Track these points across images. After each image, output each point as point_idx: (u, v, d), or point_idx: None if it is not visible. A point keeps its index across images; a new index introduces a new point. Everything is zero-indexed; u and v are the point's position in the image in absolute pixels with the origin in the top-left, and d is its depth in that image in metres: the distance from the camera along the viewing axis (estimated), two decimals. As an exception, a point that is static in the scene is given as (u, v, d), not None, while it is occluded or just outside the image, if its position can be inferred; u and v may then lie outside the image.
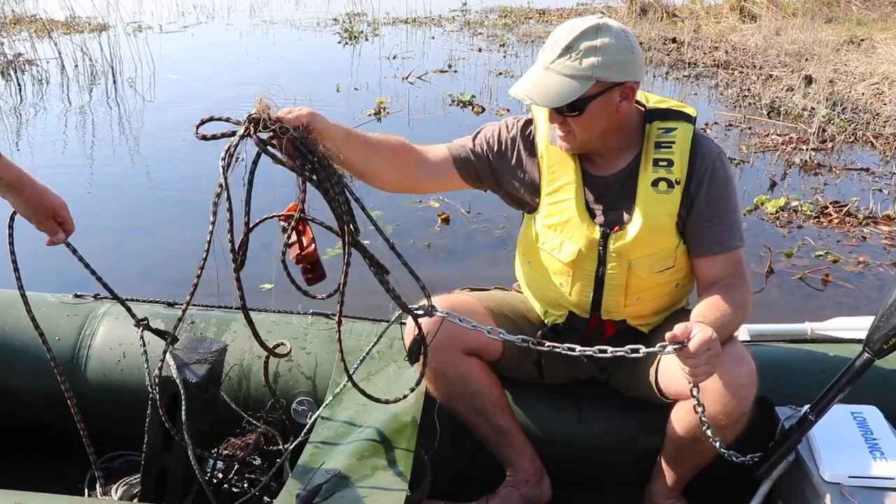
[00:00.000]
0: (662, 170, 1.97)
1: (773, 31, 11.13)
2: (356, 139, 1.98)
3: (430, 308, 1.92)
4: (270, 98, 1.71)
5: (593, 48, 1.84)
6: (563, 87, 1.85)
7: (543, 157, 2.07)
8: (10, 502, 1.66)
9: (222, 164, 1.60)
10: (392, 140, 2.09)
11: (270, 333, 2.40)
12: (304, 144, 1.68)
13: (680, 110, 2.04)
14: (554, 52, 1.87)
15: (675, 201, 1.97)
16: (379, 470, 1.86)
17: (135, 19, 13.10)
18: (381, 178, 2.09)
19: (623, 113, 1.94)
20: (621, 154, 2.03)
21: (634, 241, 1.97)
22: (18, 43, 10.26)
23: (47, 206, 1.84)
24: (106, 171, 6.20)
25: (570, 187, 2.03)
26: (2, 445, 2.51)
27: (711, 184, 1.97)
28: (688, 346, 1.70)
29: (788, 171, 6.08)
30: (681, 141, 1.98)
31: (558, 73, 1.86)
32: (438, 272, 4.18)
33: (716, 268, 2.00)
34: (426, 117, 7.61)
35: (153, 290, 2.94)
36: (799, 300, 4.10)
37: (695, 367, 1.72)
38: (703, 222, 1.98)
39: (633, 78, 1.91)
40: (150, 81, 9.18)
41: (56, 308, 2.50)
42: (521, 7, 15.31)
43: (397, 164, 2.08)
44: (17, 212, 1.84)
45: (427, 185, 2.20)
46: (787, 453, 1.92)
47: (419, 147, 2.15)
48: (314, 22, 14.00)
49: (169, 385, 1.84)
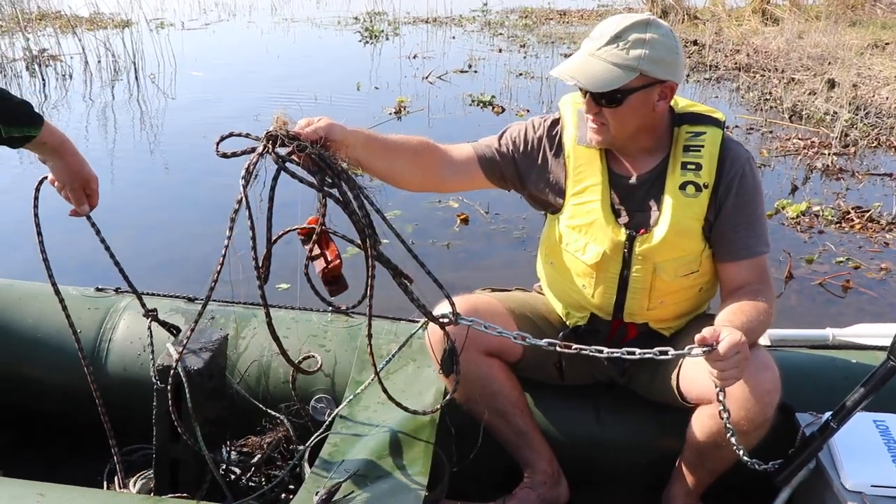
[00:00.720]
0: (691, 173, 1.96)
1: (795, 34, 11.04)
2: (377, 143, 1.98)
3: (455, 316, 1.92)
4: (291, 107, 1.72)
5: (642, 41, 1.85)
6: (607, 74, 1.85)
7: (570, 157, 2.06)
8: (33, 493, 1.68)
9: (243, 182, 1.61)
10: (414, 141, 2.09)
11: (290, 330, 2.41)
12: (322, 159, 1.69)
13: (709, 115, 2.03)
14: (601, 40, 1.87)
15: (702, 205, 1.96)
16: (397, 469, 1.87)
17: (157, 16, 13.16)
18: (403, 179, 2.09)
19: (658, 112, 1.94)
20: (649, 156, 2.03)
21: (661, 244, 1.97)
22: (43, 38, 10.33)
23: (84, 175, 1.89)
24: (127, 166, 6.24)
25: (596, 188, 2.02)
26: (22, 437, 2.53)
27: (741, 189, 1.96)
28: (717, 349, 1.69)
29: (810, 175, 6.03)
30: (710, 145, 1.97)
31: (604, 59, 1.86)
32: (457, 273, 4.18)
33: (741, 273, 1.99)
34: (446, 117, 7.61)
35: (174, 285, 2.95)
36: (819, 306, 4.07)
37: (723, 371, 1.71)
38: (730, 227, 1.97)
39: (674, 78, 1.91)
40: (171, 78, 9.23)
41: (78, 301, 2.52)
42: (541, 8, 15.26)
43: (420, 164, 2.08)
44: (55, 177, 1.87)
45: (451, 185, 2.20)
46: (808, 460, 1.90)
47: (443, 146, 2.15)
48: (335, 20, 14.02)
49: (175, 377, 1.87)
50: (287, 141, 1.66)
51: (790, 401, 2.08)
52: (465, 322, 1.93)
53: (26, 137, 1.71)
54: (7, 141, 1.68)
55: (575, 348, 1.88)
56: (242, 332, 2.43)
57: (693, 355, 1.73)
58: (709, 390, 1.86)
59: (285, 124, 1.68)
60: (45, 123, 1.74)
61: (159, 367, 1.89)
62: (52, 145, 1.80)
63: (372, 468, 1.86)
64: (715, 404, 1.82)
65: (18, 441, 2.53)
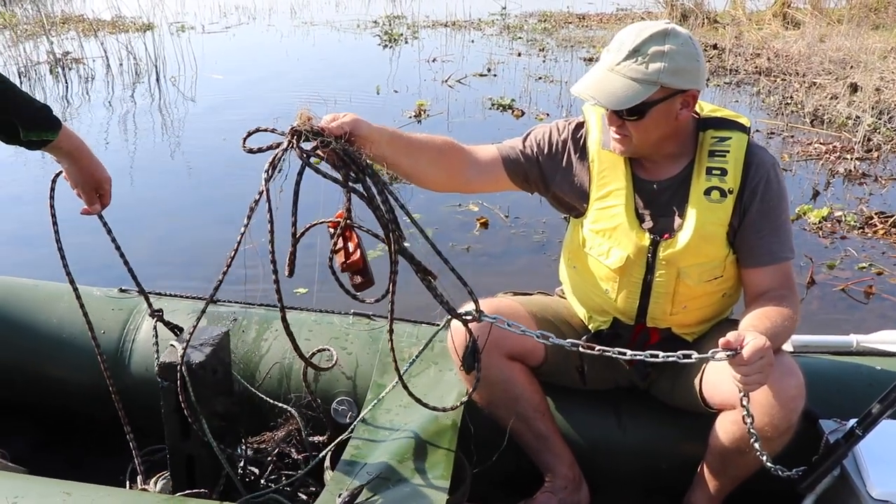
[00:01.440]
0: (716, 178, 1.96)
1: (817, 37, 10.96)
2: (402, 141, 1.99)
3: (478, 313, 1.92)
4: (312, 109, 1.72)
5: (660, 53, 1.84)
6: (627, 90, 1.85)
7: (594, 161, 2.06)
8: (59, 491, 1.70)
9: (265, 175, 1.62)
10: (438, 140, 2.09)
11: (312, 332, 2.42)
12: (347, 154, 1.69)
13: (734, 120, 2.03)
14: (620, 55, 1.87)
15: (727, 210, 1.95)
16: (419, 472, 1.87)
17: (178, 20, 13.26)
18: (428, 178, 2.09)
19: (682, 121, 1.93)
20: (674, 161, 2.02)
21: (685, 249, 1.96)
22: (66, 42, 10.44)
23: (97, 177, 1.94)
24: (149, 167, 6.29)
25: (620, 193, 2.02)
26: (47, 436, 2.56)
27: (766, 194, 1.95)
28: (741, 354, 1.68)
29: (832, 180, 5.99)
30: (735, 150, 1.97)
31: (623, 75, 1.86)
32: (477, 277, 4.16)
33: (765, 278, 1.98)
34: (466, 121, 7.61)
35: (196, 286, 2.97)
36: (841, 312, 4.04)
37: (748, 376, 1.69)
38: (754, 232, 1.96)
39: (696, 86, 1.90)
40: (192, 81, 9.29)
41: (102, 302, 2.54)
42: (560, 12, 15.24)
43: (444, 164, 2.09)
44: (69, 178, 1.92)
45: (475, 185, 2.19)
46: (833, 468, 1.89)
47: (467, 147, 2.15)
48: (354, 24, 14.07)
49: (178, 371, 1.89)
50: (311, 136, 1.67)
51: (814, 407, 2.07)
52: (488, 319, 1.93)
53: (44, 141, 1.75)
54: (26, 143, 1.72)
55: (598, 349, 1.87)
56: (265, 335, 2.44)
57: (717, 359, 1.72)
58: (732, 396, 1.85)
59: (310, 120, 1.69)
60: (62, 128, 1.78)
61: (162, 364, 1.91)
62: (67, 149, 1.84)
63: (394, 471, 1.86)
64: (738, 410, 1.81)
65: (43, 440, 2.55)
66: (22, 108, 1.68)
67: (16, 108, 1.67)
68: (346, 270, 1.89)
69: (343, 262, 1.88)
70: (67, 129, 1.81)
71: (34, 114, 1.71)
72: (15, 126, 1.67)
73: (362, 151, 1.74)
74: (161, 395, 1.93)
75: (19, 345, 2.47)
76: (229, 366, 2.10)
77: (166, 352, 1.96)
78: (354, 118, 1.79)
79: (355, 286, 1.89)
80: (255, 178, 1.67)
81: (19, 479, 1.82)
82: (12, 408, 2.55)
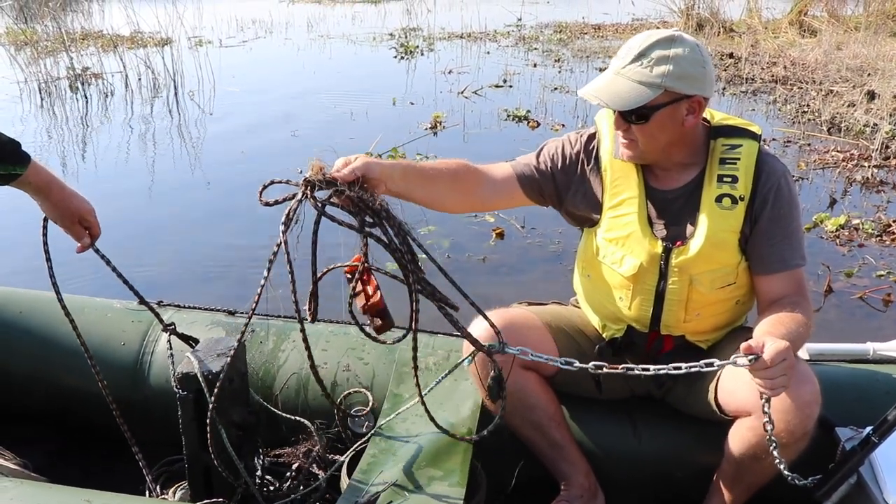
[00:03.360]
0: (727, 186, 1.97)
1: (834, 45, 10.92)
2: (415, 173, 2.02)
3: (502, 345, 1.94)
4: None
5: (665, 57, 1.86)
6: (631, 92, 1.87)
7: (607, 170, 2.08)
8: (80, 499, 1.72)
9: (282, 227, 1.68)
10: (452, 164, 2.12)
11: (329, 343, 2.44)
12: (362, 200, 1.73)
13: (745, 128, 2.04)
14: (626, 58, 1.90)
15: (738, 218, 1.96)
16: (435, 481, 1.88)
17: (196, 34, 13.39)
18: (445, 204, 2.14)
19: (688, 127, 1.95)
20: (685, 169, 2.04)
21: (697, 256, 1.97)
22: (86, 57, 10.58)
23: (73, 210, 1.92)
24: (168, 180, 6.35)
25: (632, 201, 2.04)
26: (66, 446, 2.59)
27: (777, 202, 1.96)
28: (763, 358, 1.68)
29: (849, 188, 5.96)
30: (746, 157, 1.98)
31: (628, 78, 1.89)
32: (493, 287, 4.19)
33: (777, 286, 1.99)
34: (482, 132, 7.64)
35: (214, 298, 3.01)
36: (859, 320, 4.01)
37: (771, 379, 1.69)
38: (765, 240, 1.97)
39: (702, 93, 1.92)
40: (210, 94, 9.38)
41: (121, 314, 2.57)
42: (576, 22, 15.28)
43: (460, 188, 2.12)
44: (46, 214, 1.92)
45: (492, 204, 2.23)
46: (849, 475, 1.88)
47: (481, 167, 2.18)
48: (370, 37, 14.15)
49: (195, 382, 1.93)
50: (325, 186, 1.71)
51: (830, 415, 2.07)
52: (511, 351, 1.95)
53: (12, 175, 1.73)
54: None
55: (622, 368, 1.87)
56: (282, 346, 2.47)
57: (739, 364, 1.72)
58: (747, 402, 1.85)
59: (322, 169, 1.73)
60: (31, 162, 1.77)
61: (179, 375, 1.94)
62: (36, 184, 1.81)
63: (410, 480, 1.88)
64: (754, 416, 1.81)
65: (62, 450, 2.58)
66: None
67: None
68: (367, 313, 1.92)
69: (364, 304, 1.91)
70: (38, 164, 1.80)
71: (1, 147, 1.69)
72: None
73: (377, 195, 1.77)
74: (179, 404, 1.96)
75: (40, 356, 2.51)
76: (245, 375, 2.13)
77: (183, 362, 1.99)
78: (365, 162, 1.81)
79: (376, 328, 1.91)
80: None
81: (41, 488, 1.85)
82: (34, 418, 2.59)
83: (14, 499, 1.72)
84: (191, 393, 1.92)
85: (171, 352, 2.10)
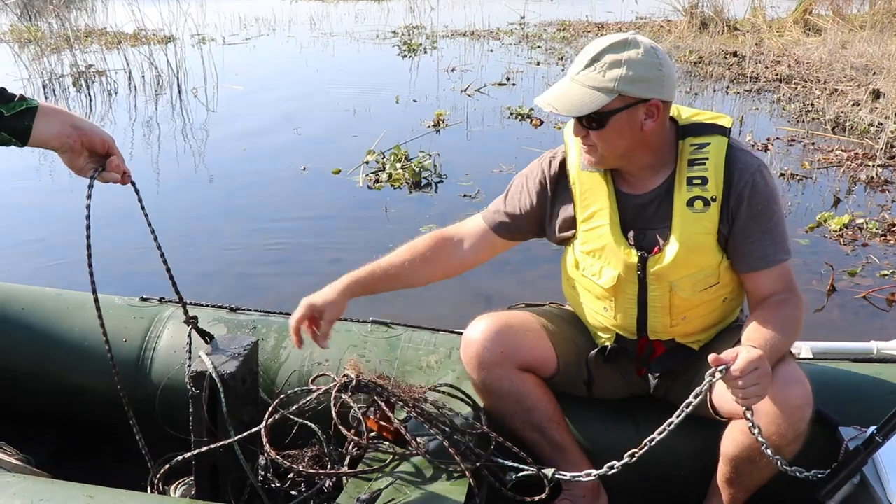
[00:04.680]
0: (697, 188, 1.93)
1: (838, 44, 10.90)
2: (387, 275, 2.16)
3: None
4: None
5: (617, 61, 1.84)
6: (584, 98, 1.85)
7: (575, 183, 2.06)
8: (82, 495, 1.72)
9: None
10: (419, 246, 2.20)
11: (331, 341, 2.42)
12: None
13: (714, 123, 1.98)
14: (581, 64, 1.88)
15: (712, 219, 1.93)
16: (438, 478, 1.88)
17: (199, 32, 13.39)
18: (423, 280, 2.23)
19: (648, 131, 1.90)
20: (655, 173, 2.00)
21: (673, 263, 1.94)
22: (90, 55, 10.59)
23: (102, 136, 1.77)
24: (170, 177, 6.37)
25: (604, 212, 2.01)
26: (69, 443, 2.59)
27: (753, 199, 1.91)
28: (731, 369, 1.67)
29: (853, 187, 5.95)
30: (714, 156, 1.93)
31: (582, 84, 1.87)
32: (496, 284, 4.18)
33: (764, 283, 1.96)
34: (484, 130, 7.64)
35: (215, 295, 3.00)
36: (862, 320, 4.01)
37: (743, 389, 1.68)
38: (745, 238, 1.94)
39: (660, 96, 1.87)
40: (213, 92, 9.40)
41: (123, 310, 2.57)
42: (579, 21, 15.26)
43: (434, 263, 2.20)
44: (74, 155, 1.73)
45: (472, 262, 2.26)
46: (852, 475, 1.87)
47: (452, 231, 2.24)
48: (373, 34, 14.16)
49: (208, 380, 1.92)
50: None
51: (833, 414, 2.06)
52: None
53: (29, 111, 1.62)
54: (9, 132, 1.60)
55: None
56: (284, 343, 2.46)
57: (713, 380, 1.70)
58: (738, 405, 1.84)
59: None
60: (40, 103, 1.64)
61: (193, 373, 1.94)
62: (49, 111, 1.67)
63: (413, 476, 1.88)
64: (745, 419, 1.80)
65: (66, 447, 2.58)
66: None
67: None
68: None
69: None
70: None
71: (1, 91, 1.61)
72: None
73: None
74: (190, 402, 1.95)
75: (43, 353, 2.51)
76: (257, 375, 2.13)
77: (196, 361, 1.98)
78: (330, 318, 2.07)
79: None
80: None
81: (43, 483, 1.85)
82: (37, 415, 2.59)
83: (17, 494, 1.72)
84: (203, 391, 1.91)
85: (190, 347, 2.09)
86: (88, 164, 1.75)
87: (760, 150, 6.89)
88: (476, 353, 2.07)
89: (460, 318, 2.01)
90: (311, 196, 5.74)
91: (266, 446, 1.91)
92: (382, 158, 6.45)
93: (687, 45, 12.13)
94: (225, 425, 1.92)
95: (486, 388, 2.10)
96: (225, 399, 1.91)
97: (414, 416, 1.92)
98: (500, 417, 2.15)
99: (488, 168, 6.32)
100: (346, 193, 5.85)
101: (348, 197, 5.79)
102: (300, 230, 5.07)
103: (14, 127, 1.60)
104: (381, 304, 2.12)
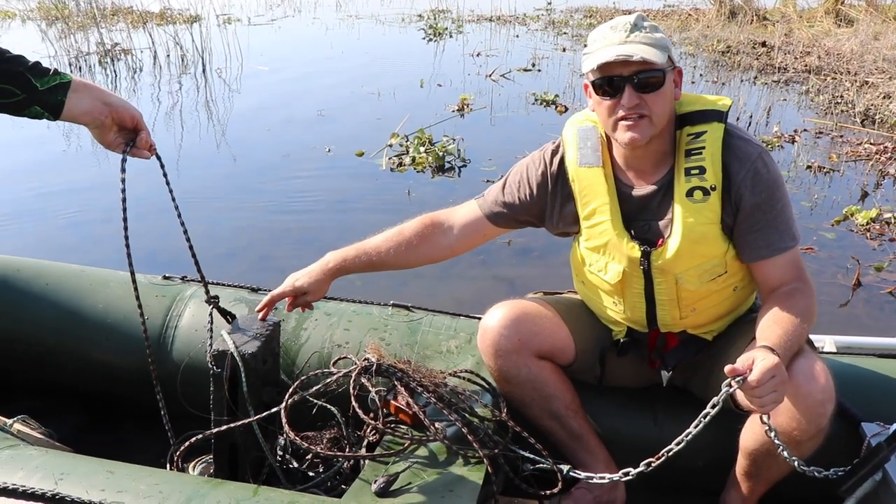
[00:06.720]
0: (695, 178, 1.90)
1: (870, 35, 10.74)
2: (371, 260, 2.18)
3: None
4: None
5: (654, 27, 1.87)
6: (649, 52, 1.81)
7: (574, 181, 2.04)
8: (102, 470, 1.74)
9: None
10: (409, 231, 2.20)
11: (351, 323, 2.44)
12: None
13: (710, 109, 1.94)
14: (625, 31, 1.85)
15: (713, 208, 1.90)
16: (455, 463, 1.88)
17: (225, 11, 13.42)
18: (413, 263, 2.24)
19: (675, 101, 1.93)
20: (656, 167, 1.97)
21: (676, 255, 1.92)
22: (115, 33, 10.64)
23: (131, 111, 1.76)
24: (194, 156, 6.39)
25: (605, 208, 1.99)
26: (92, 418, 2.61)
27: (756, 188, 1.87)
28: (749, 380, 1.63)
29: (882, 181, 5.87)
30: (710, 145, 1.90)
31: (640, 42, 1.83)
32: (517, 270, 4.17)
33: (772, 271, 1.92)
34: (509, 115, 7.61)
35: (237, 275, 3.02)
36: (888, 315, 3.96)
37: (760, 398, 1.65)
38: (749, 226, 1.90)
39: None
40: (237, 72, 9.42)
41: (145, 289, 2.58)
42: (606, 7, 15.15)
43: (422, 247, 2.20)
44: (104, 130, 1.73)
45: (461, 247, 2.25)
46: (874, 471, 1.85)
47: (443, 215, 2.23)
48: (399, 17, 14.13)
49: (229, 360, 1.93)
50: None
51: (856, 410, 2.04)
52: None
53: (62, 85, 1.60)
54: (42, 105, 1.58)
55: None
56: (304, 324, 2.47)
57: (730, 390, 1.67)
58: None
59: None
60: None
61: (215, 352, 1.95)
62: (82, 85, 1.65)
63: (430, 460, 1.88)
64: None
65: (88, 422, 2.61)
66: (22, 59, 1.57)
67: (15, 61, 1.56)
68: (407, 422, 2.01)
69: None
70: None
71: (36, 64, 1.59)
72: (27, 80, 1.56)
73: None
74: (211, 381, 1.97)
75: (67, 329, 2.52)
76: (278, 356, 2.14)
77: (218, 340, 1.99)
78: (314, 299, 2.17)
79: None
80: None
81: (65, 458, 1.87)
82: (60, 390, 2.61)
83: (39, 467, 1.74)
84: (224, 371, 1.92)
85: (212, 326, 2.10)
86: (118, 139, 1.77)
87: (787, 141, 6.82)
88: (493, 340, 2.06)
89: (482, 303, 2.00)
90: (335, 178, 5.74)
91: (285, 427, 1.91)
92: (406, 142, 6.45)
93: (715, 34, 12.01)
94: (245, 405, 1.93)
95: (503, 375, 2.10)
96: (246, 379, 1.92)
97: (433, 402, 1.91)
98: (518, 405, 2.15)
99: (512, 153, 6.27)
100: (370, 176, 5.85)
101: (371, 179, 5.79)
102: (323, 212, 5.09)
103: (47, 101, 1.60)
104: (400, 287, 2.11)
